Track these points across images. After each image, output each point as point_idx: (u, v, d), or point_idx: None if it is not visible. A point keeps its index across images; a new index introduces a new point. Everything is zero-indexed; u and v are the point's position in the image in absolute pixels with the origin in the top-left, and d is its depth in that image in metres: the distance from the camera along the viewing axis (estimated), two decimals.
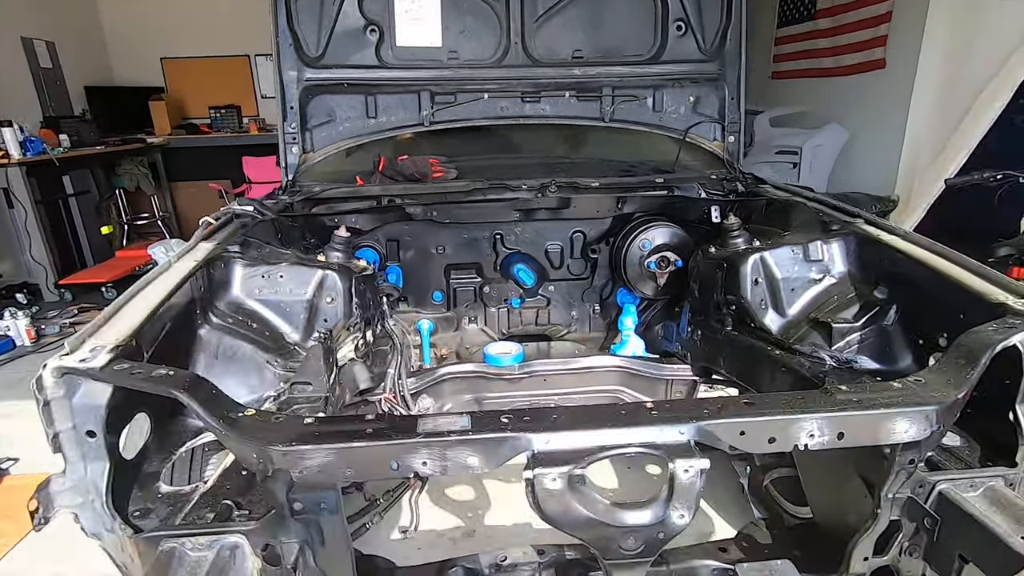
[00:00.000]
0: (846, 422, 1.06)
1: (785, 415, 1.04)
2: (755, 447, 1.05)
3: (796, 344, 1.87)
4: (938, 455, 1.36)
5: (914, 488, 1.19)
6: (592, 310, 2.71)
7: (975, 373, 1.16)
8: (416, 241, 2.49)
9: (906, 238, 1.82)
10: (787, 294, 1.95)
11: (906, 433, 1.07)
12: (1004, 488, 1.22)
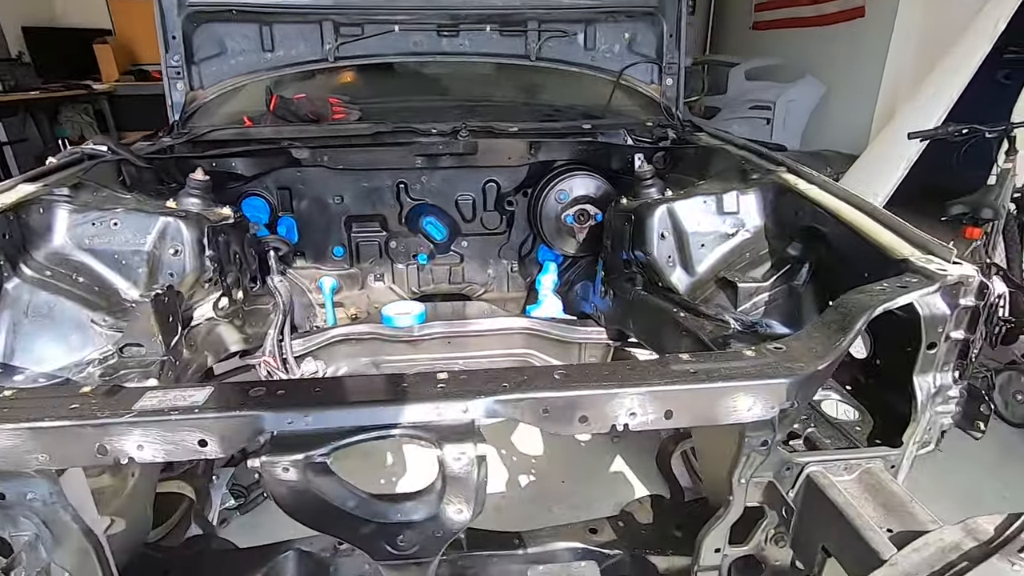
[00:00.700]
0: (675, 398, 0.88)
1: (599, 390, 0.86)
2: (565, 427, 0.87)
3: (703, 305, 1.69)
4: (821, 432, 1.20)
5: (779, 470, 1.03)
6: (510, 268, 2.50)
7: (846, 340, 0.98)
8: (310, 190, 2.25)
9: (824, 187, 1.62)
10: (696, 250, 1.75)
11: (750, 411, 0.90)
12: (882, 472, 1.06)
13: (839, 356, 0.98)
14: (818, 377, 0.95)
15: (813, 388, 0.98)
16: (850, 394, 1.38)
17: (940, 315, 1.15)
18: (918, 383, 1.19)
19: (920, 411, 1.18)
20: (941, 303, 1.15)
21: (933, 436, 1.26)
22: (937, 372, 1.20)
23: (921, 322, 1.14)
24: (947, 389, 1.20)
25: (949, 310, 1.15)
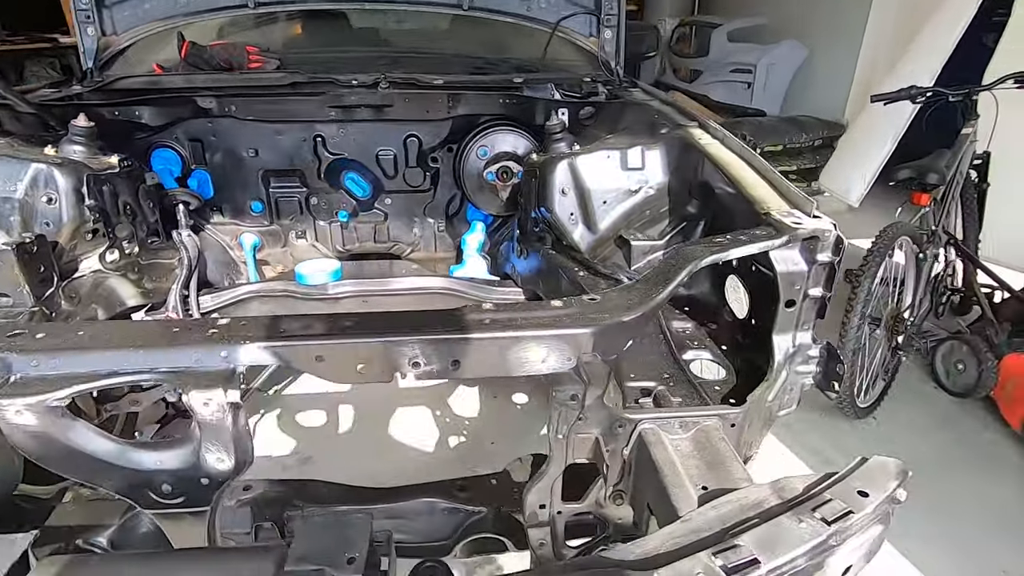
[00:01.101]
0: (462, 348, 0.84)
1: (378, 338, 0.82)
2: (341, 376, 0.84)
3: (601, 264, 1.64)
4: (675, 391, 1.17)
5: (610, 427, 1.00)
6: (437, 227, 2.44)
7: (663, 292, 0.93)
8: (222, 142, 2.18)
9: (724, 142, 1.55)
10: (598, 207, 1.70)
11: (544, 363, 0.86)
12: (717, 431, 1.03)
13: (651, 308, 0.93)
14: (626, 329, 0.91)
15: (621, 340, 0.94)
16: (726, 354, 1.35)
17: (798, 272, 1.11)
18: (777, 342, 1.15)
19: (776, 370, 1.14)
20: (800, 259, 1.11)
21: (794, 396, 1.23)
22: (797, 331, 1.16)
23: (777, 278, 1.10)
24: (807, 348, 1.17)
25: (807, 266, 1.10)
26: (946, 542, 2.15)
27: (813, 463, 2.50)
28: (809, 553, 0.76)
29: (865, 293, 2.37)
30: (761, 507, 0.84)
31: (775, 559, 0.73)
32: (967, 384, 2.81)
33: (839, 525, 0.78)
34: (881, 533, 0.86)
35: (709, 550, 0.74)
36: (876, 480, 0.86)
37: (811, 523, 0.78)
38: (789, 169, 5.18)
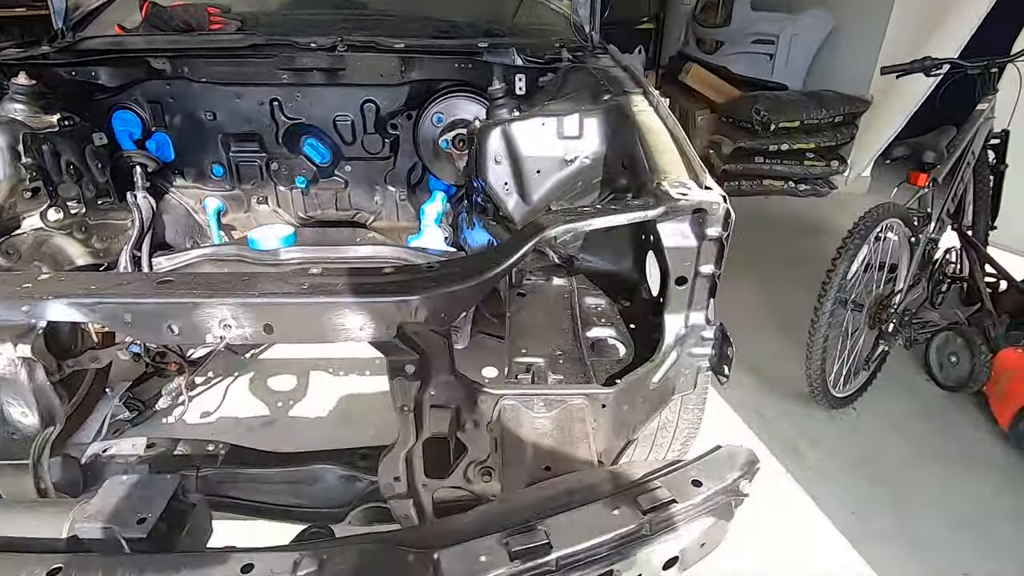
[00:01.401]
0: (275, 312, 0.81)
1: (186, 299, 0.80)
2: (149, 335, 0.82)
3: None
4: (559, 368, 1.12)
5: (471, 402, 0.96)
6: (399, 196, 2.41)
7: (503, 264, 0.88)
8: (180, 105, 2.18)
9: (657, 110, 1.46)
10: (531, 176, 1.63)
11: (363, 331, 0.82)
12: (581, 411, 0.98)
13: (488, 279, 0.88)
14: (455, 299, 0.86)
15: (452, 310, 0.89)
16: (635, 333, 1.28)
17: (687, 247, 1.03)
18: (668, 322, 1.08)
19: (665, 352, 1.08)
20: (689, 233, 1.03)
21: (690, 379, 1.16)
22: (690, 311, 1.09)
23: (665, 253, 1.03)
24: (700, 329, 1.10)
25: (696, 241, 1.03)
26: (906, 540, 2.06)
27: (781, 454, 2.41)
28: (614, 541, 0.71)
29: (840, 276, 2.25)
30: (589, 491, 0.80)
31: (570, 546, 0.69)
32: (959, 377, 2.65)
33: (654, 515, 0.73)
34: (716, 526, 0.80)
35: (504, 532, 0.70)
36: (717, 470, 0.80)
37: (625, 511, 0.74)
38: (807, 147, 4.93)
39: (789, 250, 4.09)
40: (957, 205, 2.84)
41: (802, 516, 2.13)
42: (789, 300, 3.38)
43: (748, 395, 2.72)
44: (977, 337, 2.59)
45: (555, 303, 1.34)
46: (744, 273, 3.75)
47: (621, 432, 1.07)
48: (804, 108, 4.84)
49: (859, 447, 2.44)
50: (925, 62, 2.73)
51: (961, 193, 2.81)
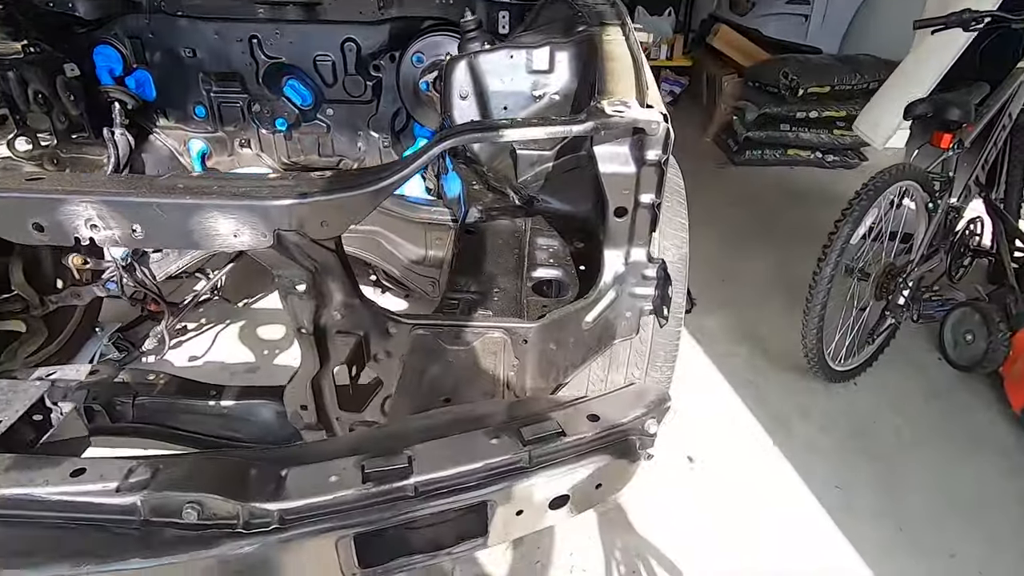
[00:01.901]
0: (143, 213, 0.75)
1: (49, 194, 0.75)
2: (20, 234, 0.77)
3: (493, 177, 1.51)
4: (491, 304, 1.05)
5: (380, 330, 0.90)
6: (382, 143, 2.33)
7: (399, 174, 0.80)
8: (160, 41, 2.13)
9: (628, 40, 1.34)
10: (499, 113, 1.53)
11: (236, 238, 0.76)
12: (498, 344, 0.91)
13: (379, 189, 0.80)
14: (339, 208, 0.79)
15: (335, 220, 0.81)
16: (584, 275, 1.20)
17: (625, 173, 0.94)
18: (607, 258, 1.00)
19: (601, 290, 1.00)
20: (628, 158, 0.93)
21: (632, 323, 1.07)
22: (630, 246, 1.00)
23: (601, 180, 0.94)
24: (642, 267, 1.01)
25: (635, 167, 0.93)
26: (891, 519, 1.95)
27: (768, 424, 2.31)
28: (485, 471, 0.65)
29: (843, 240, 2.10)
30: (477, 423, 0.74)
31: (433, 472, 0.63)
32: (973, 357, 2.49)
33: (537, 447, 0.66)
34: (614, 466, 0.73)
35: (364, 456, 0.65)
36: (620, 407, 0.72)
37: (505, 441, 0.67)
38: (837, 115, 4.65)
39: (809, 222, 3.88)
40: (988, 174, 2.62)
41: (782, 487, 2.04)
42: (802, 272, 3.21)
43: (742, 364, 2.61)
44: (996, 315, 2.41)
45: (505, 243, 1.27)
46: (758, 243, 3.59)
47: (549, 373, 1.00)
48: (836, 72, 4.55)
49: (854, 423, 2.32)
50: (964, 15, 2.49)
51: (993, 160, 2.59)
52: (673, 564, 1.79)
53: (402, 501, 0.63)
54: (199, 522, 0.61)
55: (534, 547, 1.83)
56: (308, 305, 0.86)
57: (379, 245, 2.10)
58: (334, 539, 0.62)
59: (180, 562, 0.59)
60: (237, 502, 0.61)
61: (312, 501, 0.62)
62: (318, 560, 0.63)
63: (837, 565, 1.80)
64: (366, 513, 0.62)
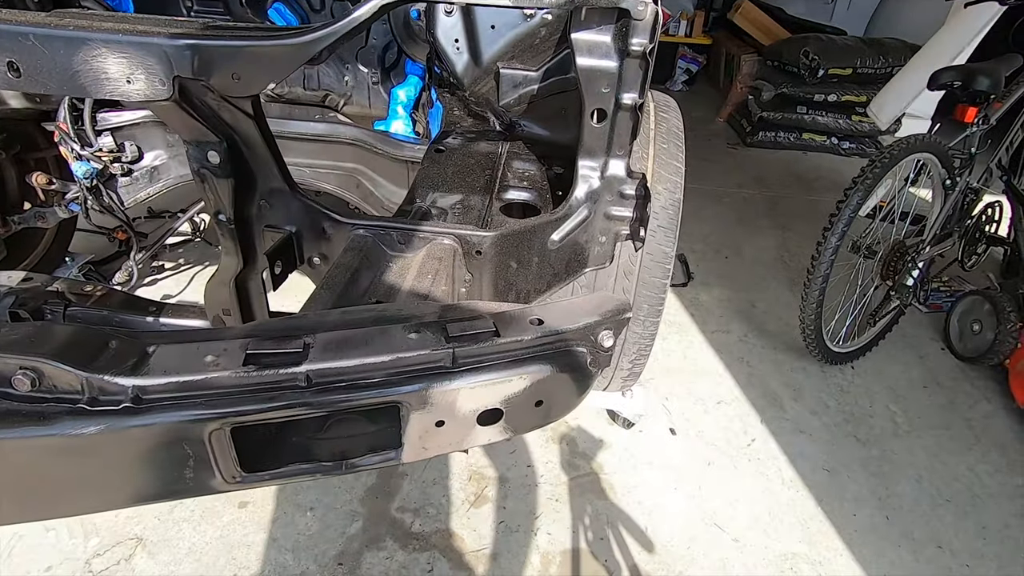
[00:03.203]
0: (17, 45, 0.63)
1: None
2: None
3: (474, 102, 1.38)
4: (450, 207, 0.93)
5: (315, 228, 0.79)
6: (371, 79, 2.20)
7: (326, 30, 0.68)
8: None
9: None
10: (486, 32, 1.40)
11: (130, 84, 0.64)
12: (446, 250, 0.80)
13: (294, 43, 0.68)
14: (254, 58, 0.67)
15: (248, 72, 0.69)
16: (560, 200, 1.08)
17: (605, 67, 0.81)
18: (581, 169, 0.88)
19: (574, 205, 0.88)
20: (609, 48, 0.81)
21: (605, 250, 0.96)
22: (608, 157, 0.88)
23: (578, 74, 0.81)
24: (620, 183, 0.88)
25: (617, 59, 0.80)
26: (878, 505, 1.85)
27: (758, 401, 2.20)
28: (396, 366, 0.54)
29: (851, 209, 1.96)
30: (405, 322, 0.62)
31: (331, 361, 0.52)
32: (979, 348, 2.37)
33: (463, 347, 0.55)
34: (558, 382, 0.62)
35: (252, 339, 0.54)
36: (569, 314, 0.61)
37: (426, 336, 0.56)
38: (857, 100, 4.46)
39: (817, 207, 3.74)
40: (1013, 157, 2.47)
41: (767, 466, 1.94)
42: (805, 255, 3.09)
43: (736, 341, 2.50)
44: (1008, 305, 2.28)
45: (477, 163, 1.15)
46: (764, 223, 3.45)
47: (507, 294, 0.89)
48: (860, 55, 4.36)
49: (848, 407, 2.21)
50: None
51: (1020, 143, 2.44)
52: (643, 533, 1.69)
53: (290, 391, 0.53)
54: (34, 393, 0.51)
55: (499, 507, 1.74)
56: (225, 185, 0.74)
57: (359, 184, 1.98)
58: (204, 430, 0.52)
59: (7, 439, 0.49)
60: (82, 372, 0.51)
61: (177, 379, 0.51)
62: (186, 454, 0.53)
63: (819, 548, 1.71)
64: (243, 401, 0.52)
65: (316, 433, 0.59)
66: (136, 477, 0.54)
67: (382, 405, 0.54)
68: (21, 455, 0.51)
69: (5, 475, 0.51)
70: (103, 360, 0.53)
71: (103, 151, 1.91)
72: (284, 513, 1.68)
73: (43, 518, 0.57)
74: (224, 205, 0.77)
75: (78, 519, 1.60)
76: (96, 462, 0.52)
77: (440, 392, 0.56)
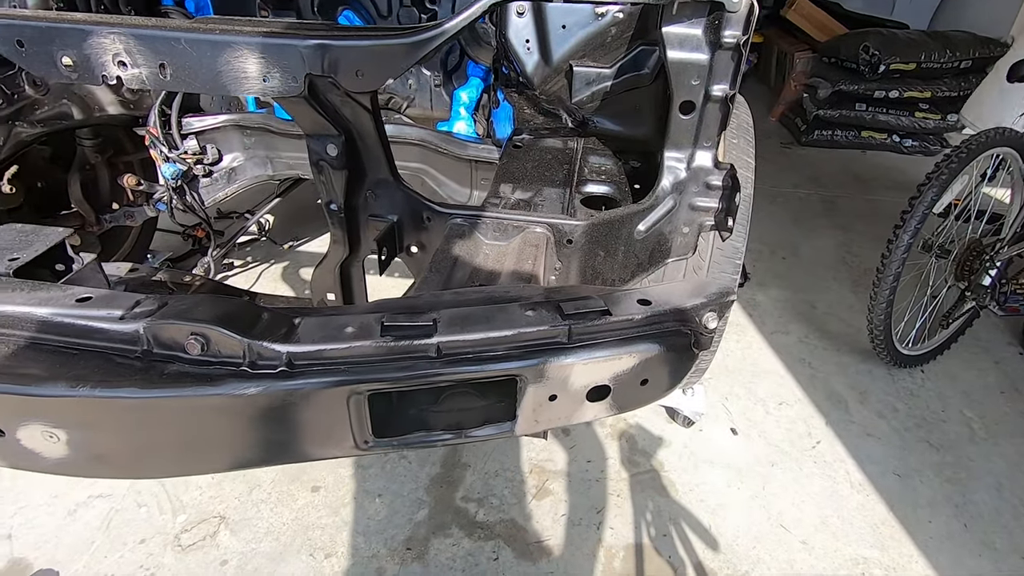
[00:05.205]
0: (168, 48, 0.70)
1: (76, 24, 0.70)
2: (49, 68, 0.73)
3: (545, 100, 1.42)
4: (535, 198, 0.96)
5: (415, 217, 0.83)
6: (434, 82, 2.26)
7: (442, 28, 0.71)
8: None
9: None
10: (557, 33, 1.43)
11: (266, 82, 0.69)
12: (539, 238, 0.83)
13: (416, 40, 0.72)
14: (377, 56, 0.71)
15: (372, 69, 0.73)
16: (638, 193, 1.10)
17: (696, 60, 0.83)
18: (667, 160, 0.89)
19: (659, 196, 0.90)
20: (700, 40, 0.83)
21: (689, 240, 0.97)
22: (695, 148, 0.89)
23: (667, 67, 0.83)
24: (706, 174, 0.90)
25: (708, 51, 0.82)
26: (954, 512, 1.78)
27: (822, 404, 2.15)
28: (517, 341, 0.57)
29: (925, 206, 1.90)
30: (512, 302, 0.66)
31: (458, 334, 0.56)
32: None
33: (578, 324, 0.58)
34: (664, 362, 0.64)
35: (384, 313, 0.58)
36: (674, 295, 0.63)
37: (542, 313, 0.59)
38: (921, 96, 4.30)
39: (879, 207, 3.62)
40: None
41: (832, 468, 1.89)
42: (869, 257, 3.00)
43: (796, 342, 2.44)
44: None
45: (554, 158, 1.18)
46: (821, 224, 3.37)
47: (593, 282, 0.91)
48: (924, 49, 4.19)
49: (918, 412, 2.13)
50: None
51: None
52: (707, 532, 1.68)
53: (423, 361, 0.57)
54: (203, 357, 0.56)
55: (560, 500, 1.76)
56: (340, 176, 0.80)
57: (423, 183, 2.05)
58: (346, 394, 0.56)
59: (179, 397, 0.55)
60: (244, 338, 0.56)
61: (324, 347, 0.56)
62: (328, 417, 0.58)
63: (892, 554, 1.66)
64: (382, 369, 0.56)
65: (431, 406, 0.63)
66: (279, 437, 0.59)
67: (502, 378, 0.58)
68: (187, 413, 0.57)
69: (171, 431, 0.57)
70: (259, 329, 0.58)
71: (188, 153, 2.04)
72: (354, 499, 1.74)
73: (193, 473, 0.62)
74: (337, 195, 0.82)
75: (167, 497, 1.71)
76: (247, 422, 0.57)
77: (556, 366, 0.59)
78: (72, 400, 0.54)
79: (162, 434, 0.57)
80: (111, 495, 1.71)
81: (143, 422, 0.56)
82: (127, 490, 1.72)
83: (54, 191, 2.10)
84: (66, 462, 0.57)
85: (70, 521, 1.63)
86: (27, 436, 0.57)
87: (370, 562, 1.58)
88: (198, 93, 1.54)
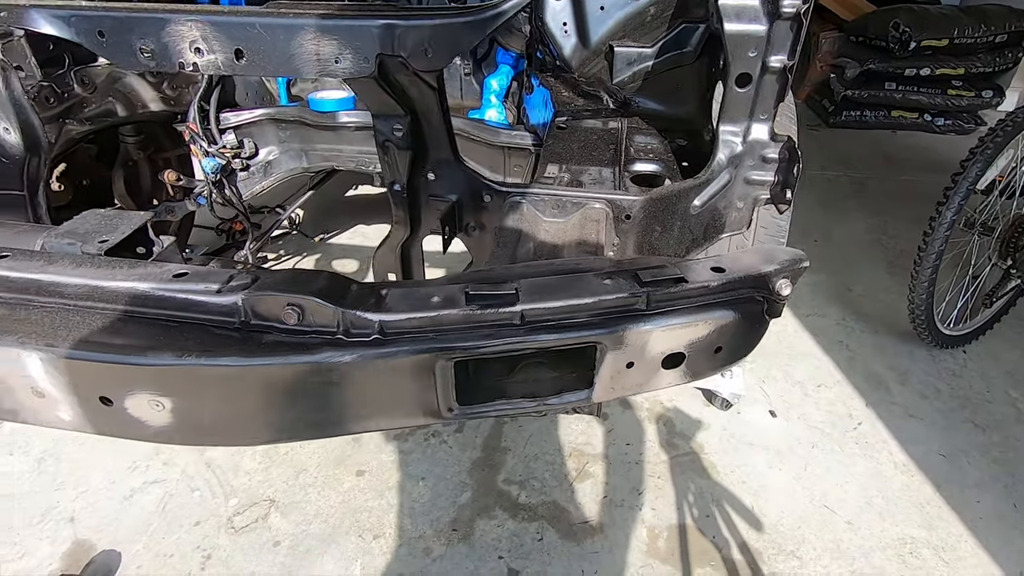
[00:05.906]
0: (243, 33, 0.71)
1: (152, 13, 0.72)
2: (128, 58, 0.76)
3: (584, 82, 1.42)
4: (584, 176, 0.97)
5: (473, 195, 0.85)
6: (463, 70, 2.27)
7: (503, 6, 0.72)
8: None
9: None
10: (595, 15, 1.43)
11: (338, 64, 0.71)
12: (598, 214, 0.83)
13: (482, 18, 0.73)
14: (445, 34, 0.72)
15: (439, 47, 0.74)
16: (687, 171, 1.10)
17: (753, 31, 0.83)
18: (722, 134, 0.89)
19: (715, 170, 0.90)
20: (758, 10, 0.82)
21: (744, 215, 0.97)
22: (752, 121, 0.89)
23: (724, 39, 0.83)
24: (763, 147, 0.90)
25: (766, 22, 0.82)
26: (1004, 493, 1.75)
27: (862, 385, 2.13)
28: (597, 308, 0.58)
29: (969, 182, 1.86)
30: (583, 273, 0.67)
31: (541, 302, 0.57)
32: None
33: (656, 291, 0.59)
34: (736, 328, 0.65)
35: (467, 284, 0.60)
36: (747, 262, 0.64)
37: (620, 281, 0.60)
38: (954, 72, 4.19)
39: (913, 188, 3.55)
40: None
41: (875, 449, 1.88)
42: (905, 238, 2.95)
43: (833, 324, 2.42)
44: None
45: (600, 139, 1.18)
46: (853, 206, 3.32)
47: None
48: (957, 24, 4.08)
49: (962, 392, 2.10)
50: None
51: None
52: (750, 512, 1.68)
53: (507, 328, 0.58)
54: (299, 327, 0.59)
55: (601, 482, 1.77)
56: (405, 156, 0.81)
57: None
58: (434, 362, 0.58)
59: (279, 364, 0.57)
60: (338, 308, 0.58)
61: (414, 315, 0.58)
62: (416, 384, 0.60)
63: (940, 534, 1.64)
64: (469, 337, 0.58)
65: (506, 376, 0.65)
66: (369, 404, 0.61)
67: (582, 345, 0.59)
68: (284, 382, 0.59)
69: (267, 399, 0.60)
70: (350, 299, 0.60)
71: (226, 148, 2.08)
72: (398, 482, 1.77)
73: (286, 440, 0.65)
74: (401, 176, 0.84)
75: (218, 482, 1.76)
76: (340, 390, 0.60)
77: (635, 333, 0.60)
78: (178, 369, 0.57)
79: (259, 402, 0.60)
80: (165, 480, 1.76)
81: (243, 390, 0.59)
82: (180, 475, 1.78)
83: (98, 188, 2.16)
84: (168, 430, 0.60)
85: (128, 505, 1.69)
86: (134, 405, 0.60)
87: (417, 543, 1.61)
88: (272, 77, 1.55)
